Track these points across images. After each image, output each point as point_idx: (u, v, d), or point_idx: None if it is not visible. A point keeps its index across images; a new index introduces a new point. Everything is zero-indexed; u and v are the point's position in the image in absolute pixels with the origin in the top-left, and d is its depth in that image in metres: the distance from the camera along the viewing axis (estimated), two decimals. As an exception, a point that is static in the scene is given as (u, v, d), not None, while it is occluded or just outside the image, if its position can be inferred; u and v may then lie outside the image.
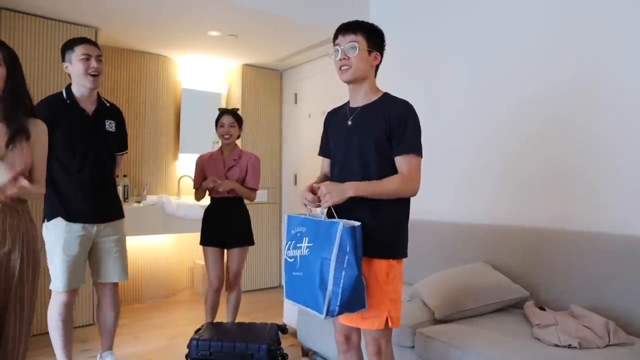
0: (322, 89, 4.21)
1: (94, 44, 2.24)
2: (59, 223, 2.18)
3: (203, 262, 4.43)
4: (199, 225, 3.03)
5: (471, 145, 2.87)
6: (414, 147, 1.56)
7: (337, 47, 1.63)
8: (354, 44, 1.58)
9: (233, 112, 2.98)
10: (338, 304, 1.38)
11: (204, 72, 4.59)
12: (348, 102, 1.73)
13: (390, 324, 1.54)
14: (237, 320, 2.93)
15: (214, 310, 2.89)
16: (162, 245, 4.22)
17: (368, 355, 1.66)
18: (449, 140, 2.98)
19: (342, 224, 1.40)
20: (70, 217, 2.19)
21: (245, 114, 4.51)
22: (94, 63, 2.18)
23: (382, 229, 1.56)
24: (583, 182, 2.31)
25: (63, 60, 2.22)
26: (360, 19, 1.69)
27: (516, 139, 2.62)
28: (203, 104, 4.52)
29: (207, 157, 3.02)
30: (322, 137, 1.85)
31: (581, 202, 2.31)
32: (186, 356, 2.39)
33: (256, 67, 4.61)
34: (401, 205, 1.61)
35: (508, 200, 2.65)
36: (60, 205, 2.19)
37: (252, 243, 3.00)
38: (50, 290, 2.23)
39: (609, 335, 1.72)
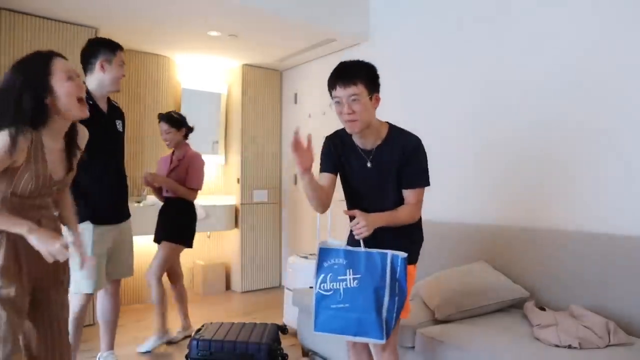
0: (322, 89, 4.15)
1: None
2: (86, 226, 2.16)
3: (203, 262, 4.45)
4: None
5: (471, 145, 2.87)
6: (424, 181, 1.70)
7: (338, 99, 1.63)
8: (356, 97, 1.59)
9: (167, 118, 3.04)
10: (392, 327, 1.52)
11: (204, 72, 4.59)
12: (343, 130, 1.73)
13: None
14: (237, 321, 2.93)
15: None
16: (162, 245, 4.21)
17: (375, 347, 1.69)
18: (449, 141, 2.98)
19: (390, 253, 1.54)
20: (97, 220, 2.20)
21: (245, 114, 4.52)
22: (124, 71, 2.28)
23: (399, 240, 1.67)
24: (583, 183, 2.31)
25: (94, 56, 2.21)
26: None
27: (516, 140, 2.62)
28: (203, 104, 4.52)
29: (162, 158, 3.21)
30: (325, 158, 1.84)
31: (581, 203, 2.31)
32: (186, 356, 2.39)
33: (256, 67, 4.60)
34: (417, 221, 1.76)
35: (508, 200, 2.65)
36: (87, 207, 2.15)
37: (175, 240, 3.05)
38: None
39: (609, 335, 1.72)
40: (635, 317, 1.88)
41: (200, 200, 4.28)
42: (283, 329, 2.60)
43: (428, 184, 1.70)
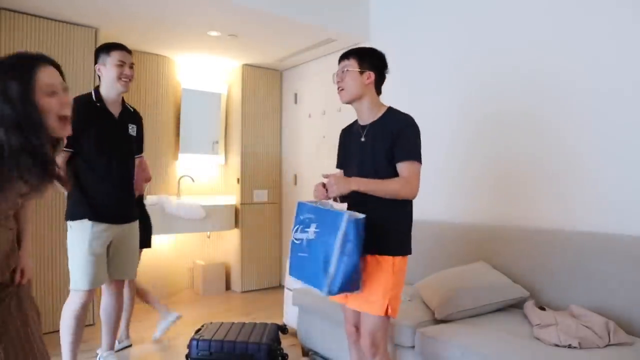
0: (322, 89, 4.20)
1: (128, 51, 2.30)
2: (84, 222, 2.21)
3: (203, 262, 4.45)
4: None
5: (471, 145, 2.87)
6: (414, 154, 1.71)
7: (335, 73, 1.83)
8: (345, 67, 1.79)
9: None
10: (337, 285, 1.56)
11: (204, 72, 4.59)
12: (357, 120, 1.89)
13: (390, 311, 1.68)
14: (237, 321, 2.93)
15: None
16: (162, 245, 4.22)
17: (363, 349, 1.74)
18: (449, 141, 2.99)
19: (347, 214, 1.56)
20: (96, 217, 2.22)
21: (245, 114, 4.52)
22: (127, 70, 2.26)
23: (387, 231, 1.72)
24: (583, 183, 2.31)
25: (96, 62, 2.27)
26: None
27: (516, 140, 2.62)
28: (203, 104, 4.52)
29: None
30: (339, 153, 2.01)
31: (581, 203, 2.31)
32: (186, 356, 2.39)
33: (256, 67, 4.60)
34: (403, 208, 1.76)
35: (508, 200, 2.65)
36: (86, 205, 2.22)
37: None
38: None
39: (609, 335, 1.73)
40: (635, 317, 1.88)
41: (200, 200, 4.29)
42: (283, 329, 2.61)
43: (419, 159, 1.72)
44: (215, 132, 4.64)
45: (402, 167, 1.70)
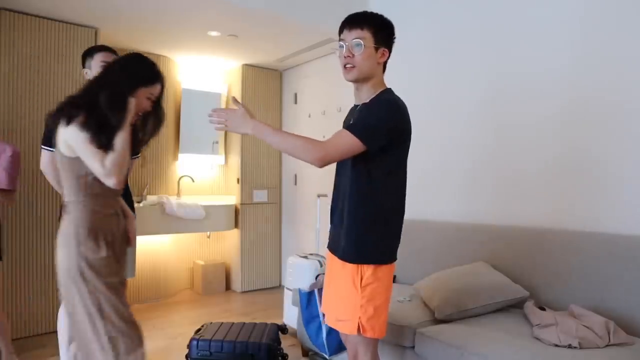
0: (322, 89, 4.21)
1: (112, 51, 2.30)
2: None
3: (203, 262, 4.45)
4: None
5: (471, 145, 2.87)
6: (354, 128, 1.43)
7: (342, 42, 1.53)
8: (359, 40, 1.48)
9: None
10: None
11: (204, 72, 4.59)
12: None
13: (362, 331, 1.45)
14: (237, 321, 2.93)
15: None
16: (162, 245, 4.22)
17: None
18: (450, 140, 2.98)
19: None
20: None
21: (245, 114, 4.51)
22: None
23: (350, 234, 1.49)
24: (583, 182, 2.31)
25: (83, 66, 2.28)
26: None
27: (516, 140, 2.62)
28: (203, 104, 4.52)
29: None
30: None
31: (581, 202, 2.31)
32: (186, 356, 2.39)
33: (256, 67, 4.61)
34: (379, 205, 1.48)
35: (508, 200, 2.65)
36: None
37: None
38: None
39: (609, 335, 1.72)
40: (635, 317, 1.88)
41: (200, 200, 4.30)
42: (283, 329, 2.61)
43: (356, 134, 1.40)
44: (216, 132, 4.64)
45: (335, 134, 1.46)
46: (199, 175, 4.55)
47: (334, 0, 3.47)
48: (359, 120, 1.48)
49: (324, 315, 1.84)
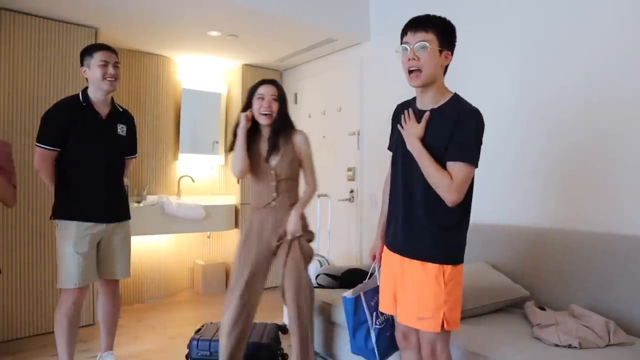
0: (322, 89, 4.20)
1: (111, 50, 2.30)
2: (70, 221, 2.22)
3: (203, 262, 4.45)
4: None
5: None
6: (469, 156, 1.46)
7: (406, 44, 1.54)
8: (425, 43, 1.49)
9: None
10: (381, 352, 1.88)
11: (204, 72, 4.59)
12: (415, 98, 1.64)
13: (446, 326, 1.51)
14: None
15: None
16: (162, 245, 4.22)
17: (423, 357, 1.64)
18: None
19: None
20: (82, 216, 2.23)
21: (245, 114, 4.51)
22: (111, 69, 2.25)
23: (438, 237, 1.56)
24: (583, 183, 2.31)
25: (82, 65, 2.29)
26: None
27: (516, 140, 2.62)
28: (203, 104, 4.52)
29: None
30: (392, 133, 1.75)
31: (582, 203, 2.31)
32: (186, 356, 2.39)
33: (256, 67, 4.60)
34: (454, 214, 1.56)
35: (508, 200, 2.65)
36: (72, 204, 2.24)
37: None
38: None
39: (609, 335, 1.72)
40: (635, 317, 1.88)
41: (200, 200, 4.30)
42: (283, 328, 2.61)
43: (473, 163, 1.46)
44: (215, 132, 4.64)
45: (452, 167, 1.46)
46: (199, 175, 4.55)
47: (334, 1, 3.47)
48: (465, 144, 1.47)
49: (379, 315, 1.82)
